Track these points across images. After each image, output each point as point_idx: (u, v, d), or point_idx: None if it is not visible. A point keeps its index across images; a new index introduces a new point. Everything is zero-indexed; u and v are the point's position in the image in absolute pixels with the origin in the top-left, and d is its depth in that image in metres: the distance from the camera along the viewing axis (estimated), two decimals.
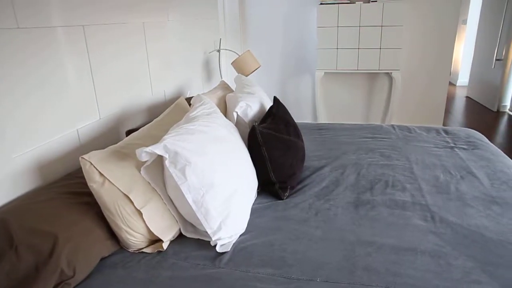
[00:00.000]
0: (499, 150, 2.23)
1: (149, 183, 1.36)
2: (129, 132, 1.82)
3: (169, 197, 1.40)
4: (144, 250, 1.35)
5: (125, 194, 1.28)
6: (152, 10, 2.16)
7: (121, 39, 1.89)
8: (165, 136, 1.32)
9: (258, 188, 1.73)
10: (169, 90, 2.40)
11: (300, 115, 4.30)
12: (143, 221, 1.31)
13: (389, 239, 1.36)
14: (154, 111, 2.20)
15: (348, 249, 1.31)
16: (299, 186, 1.78)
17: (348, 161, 2.04)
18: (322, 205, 1.60)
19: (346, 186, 1.77)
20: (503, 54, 5.06)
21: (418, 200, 1.63)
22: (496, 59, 5.20)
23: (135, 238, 1.31)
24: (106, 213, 1.29)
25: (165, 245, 1.35)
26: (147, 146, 1.25)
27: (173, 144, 1.29)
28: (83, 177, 1.27)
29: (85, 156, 1.25)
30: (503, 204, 1.58)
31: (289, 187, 1.70)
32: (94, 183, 1.24)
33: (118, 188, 1.27)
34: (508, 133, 4.42)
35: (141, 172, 1.34)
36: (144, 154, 1.24)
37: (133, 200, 1.28)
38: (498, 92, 5.20)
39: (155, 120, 1.71)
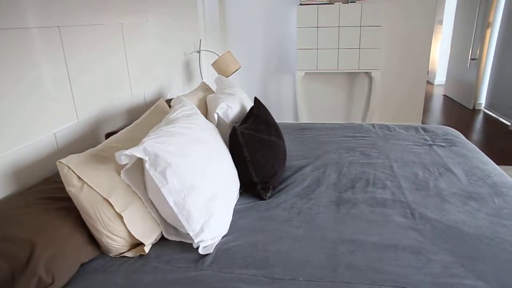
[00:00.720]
0: (475, 147, 2.29)
1: (129, 186, 1.34)
2: (108, 135, 1.79)
3: (150, 200, 1.39)
4: (125, 254, 1.33)
5: (105, 198, 1.25)
6: (130, 11, 2.13)
7: (99, 40, 1.86)
8: (145, 139, 1.30)
9: (240, 189, 1.72)
10: (149, 92, 2.37)
11: (282, 115, 4.32)
12: (123, 225, 1.29)
13: (370, 236, 1.38)
14: (134, 114, 2.18)
15: (330, 248, 1.32)
16: (281, 186, 1.79)
17: (329, 160, 2.06)
18: (304, 204, 1.61)
19: (328, 185, 1.78)
20: (477, 53, 5.18)
21: (398, 197, 1.66)
22: (471, 59, 5.33)
23: (116, 242, 1.29)
24: (85, 218, 1.26)
25: (146, 249, 1.34)
26: (126, 149, 1.24)
27: (153, 146, 1.28)
28: (61, 182, 1.24)
29: (62, 160, 1.23)
30: (479, 200, 1.62)
31: (271, 187, 1.70)
32: (73, 188, 1.22)
33: (98, 192, 1.25)
34: (483, 130, 4.53)
35: (121, 175, 1.32)
36: (124, 157, 1.22)
37: (113, 204, 1.26)
38: (474, 90, 5.33)
39: (134, 122, 1.69)
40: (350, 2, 3.57)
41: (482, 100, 5.44)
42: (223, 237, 1.41)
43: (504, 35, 4.87)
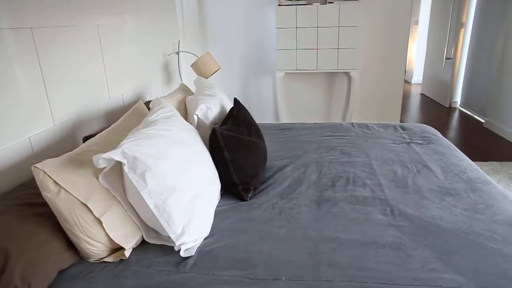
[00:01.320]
0: (451, 144, 2.34)
1: (108, 190, 1.32)
2: (86, 139, 1.76)
3: (129, 203, 1.37)
4: (105, 259, 1.31)
5: (83, 203, 1.23)
6: (107, 12, 2.10)
7: (74, 42, 1.83)
8: (123, 142, 1.29)
9: (221, 191, 1.72)
10: (127, 94, 2.34)
11: (262, 116, 4.33)
12: (103, 230, 1.27)
13: (351, 234, 1.39)
14: (112, 116, 2.15)
15: (312, 246, 1.33)
16: (262, 187, 1.79)
17: (309, 160, 2.07)
18: (286, 204, 1.62)
19: (309, 184, 1.79)
20: (452, 53, 5.31)
21: (378, 195, 1.68)
22: (446, 58, 5.45)
23: (95, 247, 1.27)
24: (63, 224, 1.23)
25: (127, 253, 1.32)
26: (104, 152, 1.22)
27: (132, 149, 1.26)
28: (37, 187, 1.22)
29: (38, 165, 1.20)
30: (456, 195, 1.66)
31: (252, 188, 1.70)
32: (49, 193, 1.19)
33: (75, 197, 1.22)
34: (459, 127, 4.64)
35: (99, 179, 1.30)
36: (102, 160, 1.20)
37: (91, 209, 1.24)
38: (449, 89, 5.46)
39: (113, 125, 1.67)
40: (328, 2, 3.61)
41: (458, 98, 5.57)
42: (204, 239, 1.40)
43: (476, 35, 5.00)
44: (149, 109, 1.79)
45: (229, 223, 1.50)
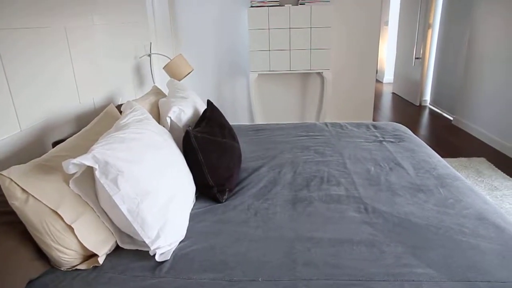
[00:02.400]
0: (422, 141, 2.40)
1: (79, 196, 1.29)
2: (55, 144, 1.71)
3: (102, 209, 1.34)
4: (78, 267, 1.28)
5: (53, 210, 1.20)
6: (74, 14, 2.05)
7: (41, 44, 1.77)
8: (94, 146, 1.26)
9: (196, 193, 1.71)
10: (98, 98, 2.29)
11: (237, 117, 4.32)
12: (75, 237, 1.24)
13: (326, 233, 1.41)
14: (83, 121, 2.10)
15: (288, 246, 1.33)
16: (238, 188, 1.79)
17: (284, 160, 2.08)
18: (261, 205, 1.62)
19: (284, 184, 1.80)
20: (421, 53, 5.45)
21: (352, 193, 1.70)
22: (416, 58, 5.59)
23: (67, 255, 1.24)
24: (32, 232, 1.20)
25: (101, 260, 1.29)
26: (74, 157, 1.19)
27: (103, 153, 1.23)
28: (3, 195, 1.17)
29: (3, 172, 1.16)
30: (427, 191, 1.70)
31: (227, 189, 1.69)
32: (16, 201, 1.15)
33: (45, 204, 1.19)
34: (429, 125, 4.77)
35: (70, 185, 1.26)
36: (72, 166, 1.17)
37: (62, 216, 1.21)
38: (419, 88, 5.60)
39: (83, 129, 1.63)
40: (300, 4, 3.64)
41: (427, 96, 5.72)
42: (180, 243, 1.39)
43: (443, 36, 5.16)
44: (121, 112, 1.76)
45: (204, 226, 1.49)
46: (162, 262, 1.29)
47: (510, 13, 3.58)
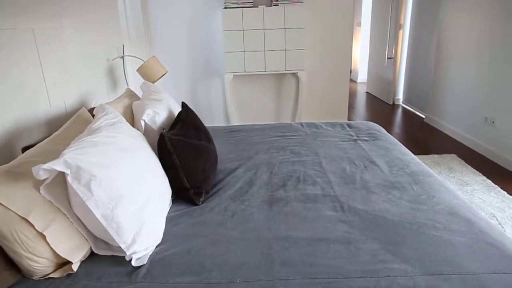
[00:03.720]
0: (395, 139, 2.45)
1: (51, 202, 1.25)
2: (25, 149, 1.66)
3: (75, 215, 1.31)
4: (51, 275, 1.24)
5: (23, 217, 1.16)
6: (42, 15, 2.00)
7: (6, 46, 1.72)
8: (65, 151, 1.23)
9: (172, 196, 1.69)
10: (70, 101, 2.24)
11: (213, 119, 4.31)
12: (47, 244, 1.20)
13: (303, 232, 1.42)
14: (54, 125, 2.04)
15: (265, 247, 1.33)
16: (214, 190, 1.78)
17: (260, 161, 2.09)
18: (238, 206, 1.62)
19: (260, 185, 1.80)
20: (393, 53, 5.57)
21: (328, 192, 1.72)
22: (388, 58, 5.71)
23: (39, 264, 1.20)
24: (1, 241, 1.16)
25: (75, 267, 1.26)
26: (45, 162, 1.15)
27: (75, 158, 1.20)
28: None
29: None
30: (401, 188, 1.74)
31: (203, 191, 1.68)
32: None
33: (14, 212, 1.15)
34: (402, 123, 4.87)
35: (41, 191, 1.23)
36: (42, 171, 1.14)
37: (33, 223, 1.17)
38: (392, 87, 5.72)
39: (54, 134, 1.59)
40: (273, 5, 3.66)
41: (400, 95, 5.85)
42: (156, 247, 1.37)
43: (414, 36, 5.28)
44: (93, 116, 1.72)
45: (181, 229, 1.48)
46: (139, 267, 1.27)
47: (476, 14, 3.71)
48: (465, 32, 3.91)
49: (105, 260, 1.32)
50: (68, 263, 1.28)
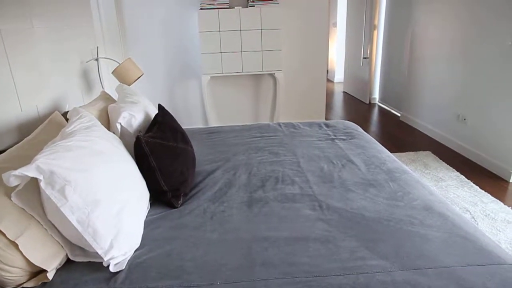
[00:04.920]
0: (372, 137, 2.49)
1: (23, 209, 1.22)
2: None
3: (50, 221, 1.27)
4: (25, 285, 1.20)
5: None
6: (9, 16, 1.94)
7: None
8: (38, 156, 1.19)
9: (150, 199, 1.67)
10: (43, 105, 2.18)
11: (190, 121, 4.28)
12: (20, 253, 1.17)
13: (282, 232, 1.42)
14: (26, 130, 1.98)
15: (245, 248, 1.33)
16: (193, 192, 1.77)
17: (239, 162, 2.08)
18: (217, 208, 1.61)
19: (239, 186, 1.80)
20: (368, 53, 5.66)
21: (306, 191, 1.73)
22: (363, 58, 5.79)
23: (11, 274, 1.16)
24: None
25: (50, 275, 1.22)
26: (16, 168, 1.12)
27: (47, 163, 1.17)
28: None
29: None
30: (378, 186, 1.76)
31: (182, 194, 1.67)
32: None
33: None
34: (378, 121, 4.96)
35: (12, 198, 1.19)
36: (13, 178, 1.10)
37: (4, 232, 1.13)
38: (368, 86, 5.81)
39: (26, 139, 1.54)
40: (249, 6, 3.66)
41: (376, 94, 5.95)
42: (135, 251, 1.35)
43: (388, 36, 5.38)
44: (67, 120, 1.69)
45: (160, 232, 1.46)
46: (117, 273, 1.24)
47: (446, 16, 3.80)
48: (437, 33, 4.01)
49: (82, 266, 1.29)
50: (43, 271, 1.24)
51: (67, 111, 2.12)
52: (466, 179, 3.10)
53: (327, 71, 8.18)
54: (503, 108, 3.10)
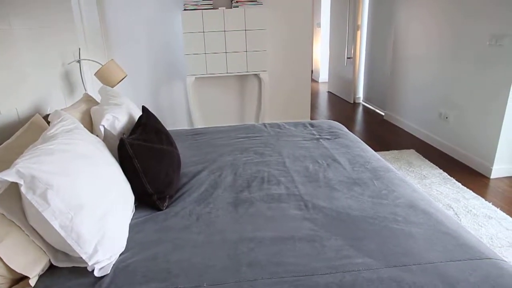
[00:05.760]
0: (356, 137, 2.51)
1: (3, 215, 1.19)
2: None
3: (31, 227, 1.25)
4: None
5: None
6: None
7: None
8: (18, 160, 1.17)
9: (135, 202, 1.65)
10: (23, 108, 2.14)
11: (176, 122, 4.25)
12: (0, 260, 1.14)
13: (269, 232, 1.42)
14: (5, 133, 1.94)
15: (232, 249, 1.33)
16: (178, 194, 1.76)
17: (224, 163, 2.08)
18: (203, 209, 1.61)
19: (225, 187, 1.80)
20: (352, 53, 5.71)
21: (292, 191, 1.74)
22: (347, 58, 5.85)
23: None
24: None
25: (32, 282, 1.20)
26: None
27: (28, 167, 1.15)
28: None
29: None
30: (362, 184, 1.78)
31: (167, 196, 1.66)
32: None
33: None
34: (363, 121, 5.00)
35: None
36: None
37: None
38: (352, 86, 5.86)
39: (5, 143, 1.51)
40: (234, 6, 3.66)
41: (360, 94, 6.00)
42: (120, 255, 1.33)
43: (371, 36, 5.44)
44: (48, 123, 1.66)
45: (145, 235, 1.45)
46: (102, 277, 1.23)
47: (427, 16, 3.86)
48: (418, 33, 4.07)
49: (66, 272, 1.27)
50: (25, 278, 1.22)
51: (49, 114, 2.09)
52: (449, 176, 3.15)
53: (312, 71, 8.23)
54: (483, 107, 3.16)
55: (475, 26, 3.19)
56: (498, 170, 3.12)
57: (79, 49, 2.93)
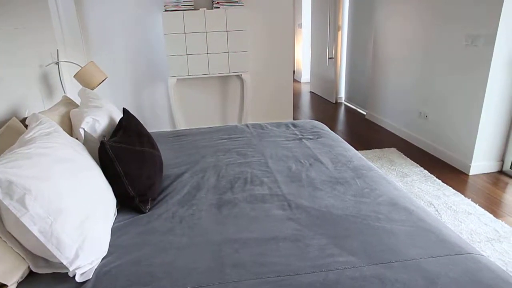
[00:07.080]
0: (338, 136, 2.53)
1: None
2: None
3: (9, 233, 1.22)
4: None
5: None
6: None
7: None
8: None
9: (117, 206, 1.63)
10: None
11: (158, 124, 4.22)
12: None
13: (252, 232, 1.42)
14: None
15: (215, 250, 1.33)
16: (161, 196, 1.74)
17: (207, 164, 2.07)
18: (186, 211, 1.60)
19: (208, 189, 1.79)
20: (333, 53, 5.76)
21: (275, 191, 1.74)
22: (329, 58, 5.89)
23: None
24: None
25: None
26: None
27: (5, 172, 1.12)
28: None
29: None
30: (345, 183, 1.80)
31: (150, 199, 1.64)
32: None
33: None
34: (345, 120, 5.05)
35: None
36: None
37: None
38: (334, 86, 5.91)
39: None
40: (214, 7, 3.65)
41: (342, 94, 6.06)
42: (102, 259, 1.31)
43: (352, 37, 5.50)
44: (26, 126, 1.62)
45: (128, 239, 1.43)
46: (84, 282, 1.21)
47: (406, 17, 3.93)
48: (397, 34, 4.13)
49: (46, 278, 1.25)
50: (3, 286, 1.19)
51: (26, 117, 2.05)
52: (429, 173, 3.20)
53: (294, 71, 8.26)
54: (461, 105, 3.23)
55: (452, 27, 3.25)
56: (476, 167, 3.19)
57: (57, 50, 2.88)
